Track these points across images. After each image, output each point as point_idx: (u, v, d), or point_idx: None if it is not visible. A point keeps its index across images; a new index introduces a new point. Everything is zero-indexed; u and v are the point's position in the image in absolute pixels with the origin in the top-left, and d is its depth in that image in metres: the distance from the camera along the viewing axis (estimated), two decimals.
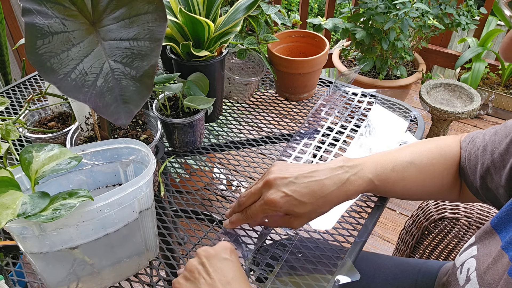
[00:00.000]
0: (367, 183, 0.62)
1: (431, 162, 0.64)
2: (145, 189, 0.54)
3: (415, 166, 0.63)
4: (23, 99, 0.98)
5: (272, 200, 0.59)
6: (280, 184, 0.60)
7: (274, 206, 0.59)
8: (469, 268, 0.56)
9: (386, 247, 1.61)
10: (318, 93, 1.01)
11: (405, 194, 0.66)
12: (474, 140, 0.63)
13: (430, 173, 0.64)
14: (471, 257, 0.57)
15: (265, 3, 0.94)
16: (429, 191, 0.66)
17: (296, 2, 4.55)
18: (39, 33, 0.45)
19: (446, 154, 0.65)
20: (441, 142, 0.67)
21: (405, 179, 0.63)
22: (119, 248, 0.57)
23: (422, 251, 0.96)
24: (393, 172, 0.63)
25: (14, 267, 0.64)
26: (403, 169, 0.63)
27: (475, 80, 2.00)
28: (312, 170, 0.61)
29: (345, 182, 0.60)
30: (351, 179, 0.61)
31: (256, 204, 0.61)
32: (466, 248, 0.60)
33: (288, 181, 0.60)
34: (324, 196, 0.59)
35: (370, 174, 0.62)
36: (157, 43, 0.50)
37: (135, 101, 0.49)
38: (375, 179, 0.62)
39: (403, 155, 0.65)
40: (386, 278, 0.79)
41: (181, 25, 0.76)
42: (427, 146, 0.66)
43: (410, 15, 1.62)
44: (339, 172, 0.61)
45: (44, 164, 0.51)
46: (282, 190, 0.59)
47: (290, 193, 0.59)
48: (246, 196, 0.63)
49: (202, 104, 0.76)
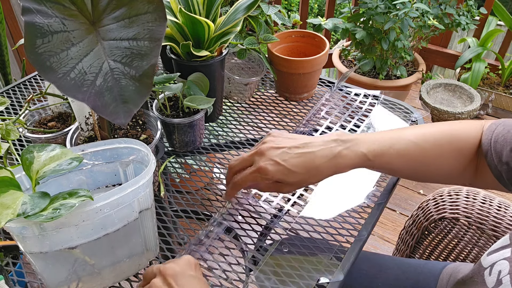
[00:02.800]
0: (360, 157, 0.61)
1: (439, 142, 0.62)
2: (145, 189, 0.54)
3: (417, 145, 0.62)
4: (23, 99, 0.98)
5: (263, 167, 0.60)
6: (272, 153, 0.60)
7: (265, 174, 0.60)
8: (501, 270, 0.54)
9: (386, 247, 1.61)
10: (318, 93, 1.01)
11: (406, 172, 0.64)
12: (506, 123, 0.60)
13: (435, 154, 0.62)
14: (503, 259, 0.55)
15: (265, 3, 0.94)
16: (434, 172, 0.64)
17: (296, 2, 4.55)
18: (38, 32, 0.45)
19: (460, 135, 0.62)
20: (459, 125, 0.64)
21: (404, 157, 0.62)
22: (119, 248, 0.57)
23: (422, 251, 0.96)
24: (391, 149, 0.61)
25: (14, 267, 0.64)
26: (403, 147, 0.62)
27: (475, 80, 2.00)
28: (305, 142, 0.61)
29: (336, 155, 0.60)
30: (343, 152, 0.60)
31: (247, 171, 0.62)
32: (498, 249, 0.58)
33: (281, 151, 0.60)
34: (315, 167, 0.60)
35: (364, 149, 0.61)
36: (157, 43, 0.50)
37: (134, 100, 0.50)
38: (369, 154, 0.61)
39: (407, 133, 0.63)
40: (388, 279, 0.79)
41: (181, 25, 0.76)
42: (436, 127, 0.64)
43: (410, 15, 1.62)
44: (332, 145, 0.61)
45: (45, 165, 0.51)
46: (274, 159, 0.60)
47: (282, 162, 0.59)
48: (237, 161, 0.64)
49: (202, 104, 0.76)
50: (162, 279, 0.51)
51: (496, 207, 0.87)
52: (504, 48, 2.14)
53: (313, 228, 0.68)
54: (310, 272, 0.60)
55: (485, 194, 0.91)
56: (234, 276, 0.62)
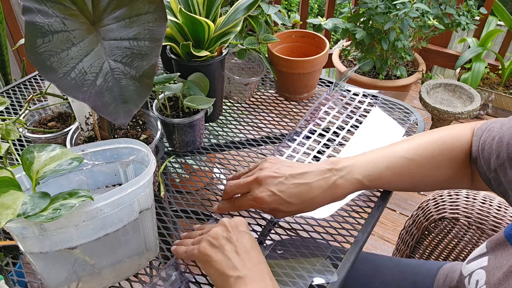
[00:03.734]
0: (355, 185, 0.62)
1: (431, 154, 0.62)
2: (145, 189, 0.54)
3: (412, 161, 0.62)
4: (23, 99, 0.98)
5: (260, 197, 0.62)
6: (269, 183, 0.62)
7: (262, 204, 0.62)
8: (478, 280, 0.55)
9: (386, 247, 1.61)
10: (318, 93, 1.01)
11: (405, 188, 0.65)
12: (491, 129, 0.60)
13: (431, 167, 0.62)
14: (481, 268, 0.55)
15: (265, 3, 0.94)
16: (432, 183, 0.64)
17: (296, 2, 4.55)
18: (39, 32, 0.45)
19: (452, 144, 0.62)
20: (448, 131, 0.64)
21: (402, 175, 0.62)
22: (119, 248, 0.57)
23: (422, 251, 0.96)
24: (388, 170, 0.62)
25: (14, 267, 0.64)
26: (398, 166, 0.62)
27: (475, 80, 2.00)
28: (302, 172, 0.63)
29: (331, 185, 0.62)
30: (338, 182, 0.62)
31: (244, 198, 0.64)
32: (476, 257, 0.58)
33: (278, 181, 0.62)
34: (310, 198, 0.62)
35: (359, 175, 0.62)
36: (157, 43, 0.50)
37: (135, 100, 0.50)
38: (364, 180, 0.62)
39: (398, 149, 0.64)
40: (385, 279, 0.79)
41: (181, 25, 0.76)
42: (427, 137, 0.64)
43: (410, 15, 1.62)
44: (327, 175, 0.62)
45: (46, 165, 0.51)
46: (271, 189, 0.61)
47: (278, 193, 0.61)
48: (233, 186, 0.65)
49: (202, 104, 0.76)
50: (222, 227, 0.57)
51: (496, 207, 0.87)
52: (504, 48, 2.14)
53: (313, 228, 0.68)
54: (309, 272, 0.60)
55: (485, 194, 0.91)
56: None
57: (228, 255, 0.54)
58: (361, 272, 0.80)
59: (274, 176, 0.62)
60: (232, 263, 0.53)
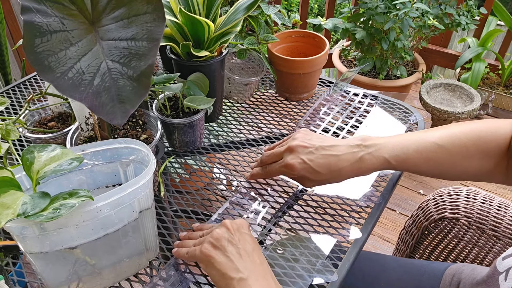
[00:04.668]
0: (381, 162, 0.63)
1: (464, 144, 0.61)
2: (145, 189, 0.54)
3: (443, 148, 0.62)
4: (23, 99, 0.98)
5: (291, 164, 0.65)
6: (300, 151, 0.65)
7: (292, 170, 0.65)
8: None
9: (386, 247, 1.61)
10: (318, 93, 1.01)
11: (432, 174, 0.65)
12: None
13: (462, 157, 0.62)
14: None
15: (265, 3, 0.94)
16: (461, 173, 0.64)
17: (296, 2, 4.55)
18: (37, 32, 0.45)
19: (487, 136, 0.61)
20: (486, 124, 0.63)
21: (430, 160, 0.62)
22: (119, 248, 0.57)
23: (422, 251, 0.96)
24: (416, 153, 0.62)
25: (14, 267, 0.64)
26: (427, 150, 0.62)
27: (475, 80, 2.00)
28: (332, 144, 0.66)
29: (358, 160, 0.63)
30: (365, 157, 0.63)
31: (276, 164, 0.68)
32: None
33: (308, 150, 0.65)
34: (338, 170, 0.64)
35: (386, 154, 0.63)
36: (155, 43, 0.50)
37: (132, 101, 0.49)
38: (392, 160, 0.63)
39: (430, 135, 0.64)
40: (390, 279, 0.79)
41: (181, 25, 0.76)
42: (463, 127, 0.63)
43: (410, 15, 1.62)
44: (355, 150, 0.64)
45: (46, 165, 0.51)
46: (302, 157, 0.65)
47: (308, 161, 0.64)
48: (268, 156, 0.70)
49: (202, 104, 0.76)
50: (225, 229, 0.58)
51: (496, 207, 0.87)
52: (504, 48, 2.14)
53: (313, 228, 0.68)
54: (309, 272, 0.60)
55: (485, 194, 0.91)
56: None
57: (231, 256, 0.54)
58: (365, 272, 0.80)
59: (305, 146, 0.65)
60: (234, 265, 0.53)
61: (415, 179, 1.88)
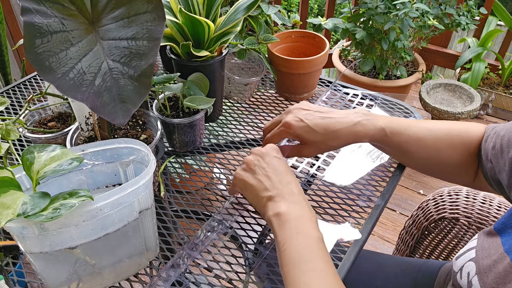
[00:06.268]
0: (378, 130, 0.66)
1: (449, 132, 0.66)
2: (145, 189, 0.54)
3: (431, 132, 0.66)
4: (23, 99, 0.98)
5: (288, 123, 0.67)
6: (298, 112, 0.68)
7: (289, 128, 0.67)
8: (469, 272, 0.56)
9: (386, 247, 1.61)
10: (318, 93, 1.01)
11: (419, 158, 0.68)
12: (497, 126, 0.64)
13: (446, 144, 0.65)
14: (470, 260, 0.57)
15: (265, 3, 0.94)
16: (443, 162, 0.67)
17: (296, 2, 4.55)
18: (38, 32, 0.45)
19: (466, 131, 0.66)
20: (465, 125, 0.68)
21: (420, 140, 0.66)
22: (119, 248, 0.57)
23: (422, 251, 0.96)
24: (408, 130, 0.66)
25: (14, 267, 0.64)
26: (418, 131, 0.66)
27: (475, 80, 2.00)
28: (329, 111, 0.69)
29: (356, 123, 0.66)
30: (363, 122, 0.66)
31: (276, 128, 0.70)
32: (464, 252, 0.60)
33: (306, 112, 0.68)
34: (335, 130, 0.66)
35: (382, 124, 0.66)
36: (155, 42, 0.50)
37: (133, 100, 0.50)
38: (387, 130, 0.66)
39: (421, 121, 0.68)
40: (387, 277, 0.79)
41: (181, 25, 0.76)
42: (448, 123, 0.69)
43: (410, 15, 1.62)
44: (352, 115, 0.67)
45: (46, 165, 0.51)
46: (299, 116, 0.67)
47: (305, 120, 0.66)
48: (269, 122, 0.73)
49: (202, 104, 0.76)
50: (253, 155, 0.63)
51: (496, 207, 0.87)
52: (504, 48, 2.14)
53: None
54: None
55: (485, 194, 0.91)
56: (234, 276, 0.62)
57: (260, 178, 0.60)
58: (362, 270, 0.80)
59: (304, 108, 0.69)
60: (263, 185, 0.59)
61: (415, 179, 1.88)
